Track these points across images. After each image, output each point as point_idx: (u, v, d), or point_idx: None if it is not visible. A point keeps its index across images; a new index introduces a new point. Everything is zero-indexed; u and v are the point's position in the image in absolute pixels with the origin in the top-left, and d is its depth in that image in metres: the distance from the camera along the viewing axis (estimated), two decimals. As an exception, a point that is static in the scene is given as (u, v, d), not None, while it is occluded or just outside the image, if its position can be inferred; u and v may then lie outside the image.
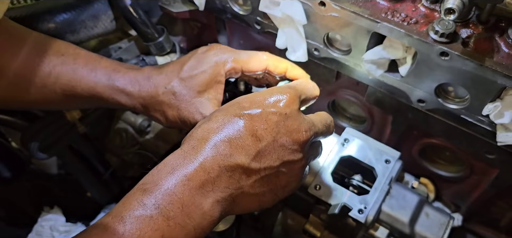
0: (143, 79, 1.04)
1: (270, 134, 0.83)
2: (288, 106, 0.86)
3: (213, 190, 0.78)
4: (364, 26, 0.97)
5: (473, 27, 0.93)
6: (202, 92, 1.02)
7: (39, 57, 1.01)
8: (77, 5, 1.19)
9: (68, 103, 1.09)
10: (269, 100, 0.86)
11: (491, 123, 0.97)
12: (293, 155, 0.85)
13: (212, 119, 0.85)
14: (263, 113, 0.84)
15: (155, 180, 0.76)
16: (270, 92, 0.89)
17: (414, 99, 1.05)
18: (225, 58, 1.04)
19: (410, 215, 1.06)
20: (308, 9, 1.02)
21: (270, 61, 1.06)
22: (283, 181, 0.87)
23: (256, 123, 0.83)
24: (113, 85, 1.03)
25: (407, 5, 0.97)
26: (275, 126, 0.83)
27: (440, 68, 0.93)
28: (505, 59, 0.88)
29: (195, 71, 1.02)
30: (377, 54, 1.01)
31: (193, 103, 1.02)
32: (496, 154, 1.08)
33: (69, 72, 1.02)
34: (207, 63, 1.03)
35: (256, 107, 0.85)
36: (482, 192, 1.23)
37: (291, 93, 0.88)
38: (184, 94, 1.02)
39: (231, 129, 0.82)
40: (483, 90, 0.92)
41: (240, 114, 0.83)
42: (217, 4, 1.21)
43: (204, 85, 1.02)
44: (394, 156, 1.11)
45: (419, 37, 0.91)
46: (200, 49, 1.07)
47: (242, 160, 0.80)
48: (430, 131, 1.17)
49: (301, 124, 0.86)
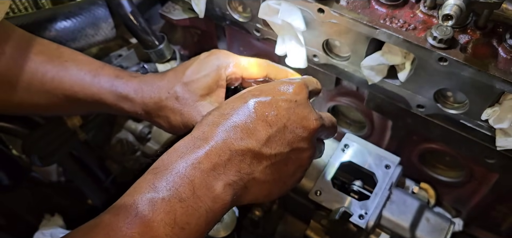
0: (146, 85, 1.04)
1: (281, 120, 0.84)
2: (298, 93, 0.87)
3: (224, 173, 0.78)
4: (363, 33, 0.98)
5: (471, 32, 0.93)
6: (204, 96, 1.03)
7: (42, 63, 1.01)
8: (77, 13, 1.19)
9: (70, 108, 1.09)
10: (279, 88, 0.87)
11: (490, 128, 0.97)
12: (303, 143, 0.86)
13: (223, 106, 0.86)
14: (273, 100, 0.85)
15: (166, 164, 0.76)
16: (280, 81, 0.90)
17: (413, 104, 1.05)
18: (226, 63, 1.05)
19: (411, 220, 1.06)
20: (307, 16, 1.03)
21: (271, 68, 1.07)
22: (291, 169, 0.88)
23: (267, 109, 0.83)
24: (116, 92, 1.03)
25: (405, 12, 0.98)
26: (285, 112, 0.84)
27: (438, 73, 0.94)
28: (503, 64, 0.89)
29: (197, 75, 1.03)
30: (376, 60, 1.01)
31: (196, 107, 1.02)
32: (496, 159, 1.08)
33: (72, 78, 1.03)
34: (209, 67, 1.04)
35: (267, 95, 0.85)
36: (482, 196, 1.23)
37: (299, 82, 0.89)
38: (187, 98, 1.02)
39: (242, 115, 0.83)
40: (482, 95, 0.92)
41: (251, 101, 0.84)
42: (216, 12, 1.22)
43: (206, 89, 1.03)
44: (394, 161, 1.11)
45: (418, 43, 0.92)
46: (202, 55, 1.08)
47: (253, 145, 0.81)
48: (430, 136, 1.18)
49: (311, 113, 0.87)
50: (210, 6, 1.22)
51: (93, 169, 1.50)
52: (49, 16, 1.16)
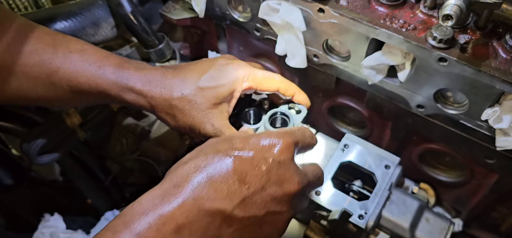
0: (155, 79, 1.02)
1: (260, 181, 0.78)
2: (282, 153, 0.81)
3: (189, 236, 0.72)
4: (363, 33, 0.98)
5: (471, 33, 0.94)
6: (217, 104, 1.03)
7: (46, 54, 0.99)
8: (78, 12, 1.20)
9: (74, 99, 1.07)
10: (263, 143, 0.81)
11: (490, 128, 0.98)
12: (280, 206, 0.80)
13: (200, 156, 0.80)
14: (256, 158, 0.79)
15: (127, 222, 0.71)
16: (266, 135, 0.84)
17: (413, 104, 1.06)
18: (243, 76, 1.05)
19: (411, 220, 1.06)
20: (307, 16, 1.03)
21: (282, 84, 1.09)
22: (266, 232, 0.81)
23: (247, 168, 0.78)
24: (121, 83, 1.01)
25: (405, 12, 0.98)
26: (266, 172, 0.78)
27: (438, 73, 0.94)
28: (503, 64, 0.89)
29: (214, 83, 1.02)
30: (376, 60, 1.02)
31: (207, 114, 1.02)
32: (496, 159, 1.08)
33: (76, 69, 1.00)
34: (226, 77, 1.04)
35: (249, 149, 0.80)
36: (482, 197, 1.24)
37: (287, 140, 0.83)
38: (200, 104, 1.02)
39: (218, 170, 0.77)
40: (482, 96, 0.93)
41: (230, 155, 0.78)
42: (217, 11, 1.23)
43: (220, 98, 1.03)
44: (394, 161, 1.11)
45: (418, 43, 0.92)
46: (219, 60, 1.07)
47: (226, 206, 0.75)
48: (430, 137, 1.18)
49: (293, 175, 0.81)
50: (210, 6, 1.22)
51: (93, 169, 1.50)
52: (50, 16, 1.17)
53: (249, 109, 1.16)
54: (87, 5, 1.22)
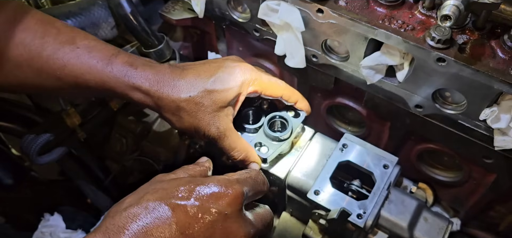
0: (163, 80, 1.01)
1: (203, 235, 0.74)
2: (230, 205, 0.78)
3: None
4: (362, 33, 0.99)
5: (470, 33, 0.94)
6: (223, 107, 1.04)
7: (54, 49, 0.98)
8: (78, 13, 1.20)
9: (79, 93, 1.08)
10: (210, 192, 0.78)
11: (488, 128, 0.98)
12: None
13: (141, 203, 0.75)
14: (200, 208, 0.75)
15: None
16: (215, 181, 0.81)
17: (411, 104, 1.06)
18: (249, 80, 1.06)
19: (409, 219, 1.06)
20: (306, 16, 1.04)
21: (286, 91, 1.11)
22: None
23: (190, 219, 0.74)
24: (128, 82, 1.00)
25: (404, 12, 0.99)
26: (210, 226, 0.75)
27: (437, 73, 0.95)
28: (501, 64, 0.90)
29: (222, 86, 1.03)
30: (374, 60, 1.02)
31: (213, 117, 1.03)
32: (494, 159, 1.09)
33: (83, 66, 0.99)
34: (233, 81, 1.04)
35: (194, 199, 0.76)
36: (480, 196, 1.24)
37: (236, 190, 0.80)
38: (207, 106, 1.02)
39: (158, 221, 0.72)
40: (480, 95, 0.93)
41: (173, 205, 0.74)
42: (216, 12, 1.23)
43: (226, 101, 1.04)
44: (393, 161, 1.11)
45: (416, 43, 0.92)
46: (227, 62, 1.07)
47: None
48: (428, 136, 1.19)
49: (241, 228, 0.79)
50: (209, 6, 1.23)
51: (93, 168, 1.51)
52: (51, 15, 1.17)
53: (248, 109, 1.17)
54: (86, 5, 1.23)
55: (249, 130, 1.16)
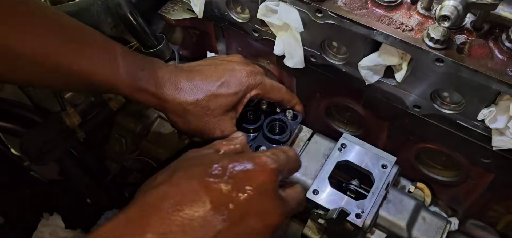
0: (170, 82, 1.03)
1: (237, 213, 0.71)
2: (265, 183, 0.76)
3: None
4: (360, 33, 0.99)
5: (468, 33, 0.94)
6: (227, 111, 1.07)
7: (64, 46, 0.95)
8: (77, 13, 1.20)
9: (84, 89, 1.10)
10: (246, 168, 0.75)
11: (486, 128, 0.99)
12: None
13: (172, 180, 0.73)
14: (235, 186, 0.72)
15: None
16: (249, 158, 0.78)
17: (410, 104, 1.07)
18: (254, 84, 1.10)
19: (407, 219, 1.07)
20: (305, 17, 1.04)
21: (286, 95, 1.17)
22: None
23: (224, 200, 0.71)
24: (134, 84, 1.00)
25: (402, 13, 0.99)
26: (246, 203, 0.72)
27: (435, 74, 0.95)
28: (499, 65, 0.90)
29: (228, 90, 1.06)
30: (373, 61, 1.02)
31: (218, 120, 1.06)
32: (492, 159, 1.09)
33: (89, 66, 0.97)
34: (239, 85, 1.07)
35: (228, 177, 0.73)
36: (478, 196, 1.24)
37: (270, 167, 0.77)
38: (213, 110, 1.04)
39: (192, 202, 0.69)
40: (478, 96, 0.93)
41: (206, 182, 0.71)
42: (215, 12, 1.24)
43: (231, 105, 1.07)
44: (391, 161, 1.12)
45: (414, 43, 0.93)
46: (233, 65, 1.10)
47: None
48: (426, 136, 1.19)
49: (277, 207, 0.76)
50: (208, 7, 1.23)
51: (92, 168, 1.51)
52: None
53: (247, 108, 1.18)
54: (86, 6, 1.23)
55: (247, 130, 1.17)
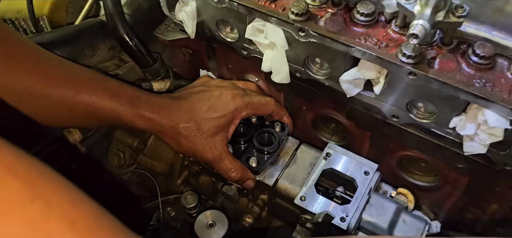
0: (165, 109, 1.14)
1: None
2: None
3: None
4: (340, 50, 1.05)
5: (438, 49, 1.00)
6: (218, 132, 1.16)
7: (69, 85, 1.08)
8: (77, 35, 1.27)
9: (86, 124, 1.18)
10: None
11: (458, 135, 1.05)
12: None
13: None
14: None
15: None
16: None
17: (388, 115, 1.13)
18: (241, 106, 1.19)
19: (389, 221, 1.14)
20: (289, 36, 1.10)
21: (275, 108, 1.26)
22: None
23: None
24: (133, 111, 1.12)
25: (378, 31, 1.04)
26: None
27: (409, 86, 1.01)
28: (467, 77, 0.96)
29: (214, 114, 1.16)
30: (353, 75, 1.09)
31: (208, 142, 1.15)
32: (465, 163, 1.16)
33: (95, 101, 1.09)
34: (226, 108, 1.17)
35: None
36: (456, 199, 1.31)
37: None
38: (203, 132, 1.14)
39: None
40: (449, 106, 1.00)
41: None
42: (206, 33, 1.29)
43: (220, 127, 1.16)
44: (373, 167, 1.20)
45: (389, 59, 0.98)
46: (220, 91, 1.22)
47: None
48: (405, 144, 1.25)
49: None
50: (200, 27, 1.28)
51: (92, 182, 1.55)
52: (51, 39, 1.24)
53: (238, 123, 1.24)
54: (85, 28, 1.30)
55: (239, 142, 1.25)
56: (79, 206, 0.62)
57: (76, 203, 0.62)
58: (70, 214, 0.59)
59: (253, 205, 1.33)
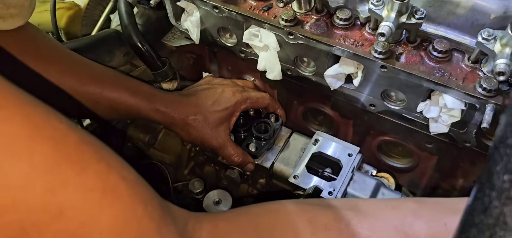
0: (176, 104, 1.32)
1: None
2: None
3: None
4: (324, 50, 1.15)
5: (404, 46, 1.14)
6: (221, 123, 1.33)
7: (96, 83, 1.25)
8: (97, 44, 1.44)
9: (109, 115, 1.35)
10: None
11: (425, 118, 1.18)
12: None
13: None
14: None
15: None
16: None
17: (366, 104, 1.23)
18: (241, 100, 1.36)
19: (369, 194, 1.27)
20: (280, 39, 1.22)
21: (270, 102, 1.42)
22: None
23: None
24: (151, 107, 1.29)
25: (355, 33, 1.17)
26: None
27: (382, 78, 1.14)
28: (429, 69, 1.10)
29: (218, 107, 1.33)
30: (335, 71, 1.21)
31: (214, 132, 1.32)
32: (433, 143, 1.29)
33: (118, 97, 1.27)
34: (228, 102, 1.34)
35: None
36: (429, 178, 1.45)
37: None
38: (208, 123, 1.31)
39: None
40: (415, 93, 1.13)
41: None
42: (209, 39, 1.41)
43: (223, 119, 1.33)
44: (355, 150, 1.35)
45: (364, 55, 1.11)
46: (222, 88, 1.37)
47: None
48: (383, 130, 1.38)
49: None
50: (203, 34, 1.40)
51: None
52: (74, 47, 1.40)
53: (239, 116, 1.42)
54: (103, 38, 1.47)
55: (239, 132, 1.43)
56: None
57: None
58: None
59: (252, 189, 1.50)
